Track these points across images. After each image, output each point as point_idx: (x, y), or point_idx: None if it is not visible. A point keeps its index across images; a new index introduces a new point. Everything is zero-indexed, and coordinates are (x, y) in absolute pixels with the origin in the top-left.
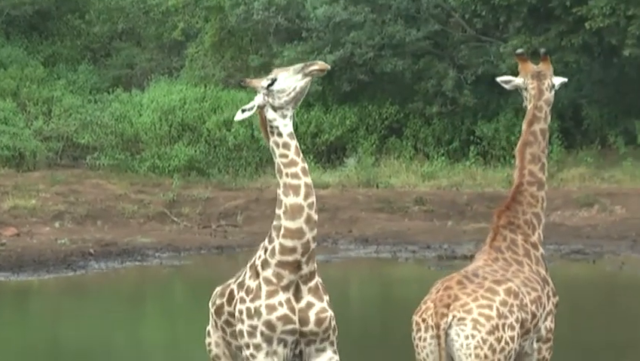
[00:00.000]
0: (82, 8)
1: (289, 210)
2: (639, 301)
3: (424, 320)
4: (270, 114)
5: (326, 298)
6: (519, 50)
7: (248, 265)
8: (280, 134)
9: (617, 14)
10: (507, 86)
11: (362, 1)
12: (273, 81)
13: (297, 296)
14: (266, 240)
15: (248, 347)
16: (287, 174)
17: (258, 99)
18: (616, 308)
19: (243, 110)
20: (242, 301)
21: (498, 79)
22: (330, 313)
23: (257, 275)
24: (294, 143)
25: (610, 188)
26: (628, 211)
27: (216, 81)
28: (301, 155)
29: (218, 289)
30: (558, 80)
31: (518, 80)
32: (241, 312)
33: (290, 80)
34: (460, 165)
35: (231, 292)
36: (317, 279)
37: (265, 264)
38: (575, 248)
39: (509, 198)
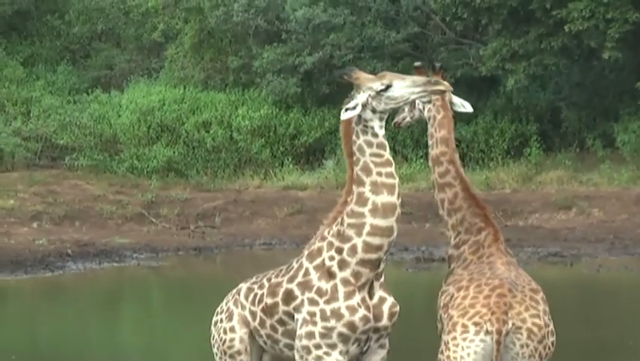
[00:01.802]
0: (61, 9)
1: (381, 208)
2: (615, 303)
3: (477, 324)
4: (368, 114)
5: None
6: (417, 63)
7: (312, 266)
8: (375, 135)
9: (597, 17)
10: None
11: (342, 3)
12: (388, 87)
13: (370, 293)
14: (332, 239)
15: (317, 347)
16: (379, 173)
17: (362, 98)
18: (592, 311)
19: (346, 110)
20: (314, 302)
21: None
22: (399, 307)
23: (331, 276)
24: (387, 144)
25: (588, 191)
26: (605, 214)
27: (195, 82)
28: None
29: (253, 286)
30: (457, 100)
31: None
32: (312, 314)
33: (405, 91)
34: None
35: (289, 292)
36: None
37: (343, 264)
38: (552, 251)
39: (477, 200)
